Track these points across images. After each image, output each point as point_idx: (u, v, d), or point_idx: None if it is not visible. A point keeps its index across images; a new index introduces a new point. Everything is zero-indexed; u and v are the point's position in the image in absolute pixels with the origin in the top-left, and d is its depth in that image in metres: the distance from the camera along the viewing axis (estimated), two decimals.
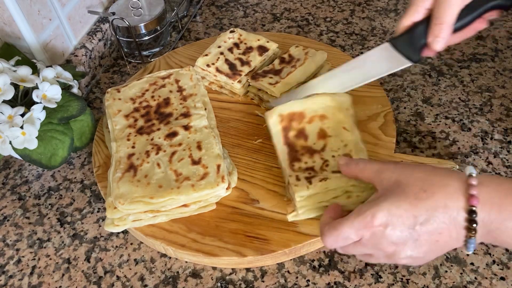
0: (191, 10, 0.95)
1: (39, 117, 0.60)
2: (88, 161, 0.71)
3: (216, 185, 0.56)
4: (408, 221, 0.43)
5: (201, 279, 0.56)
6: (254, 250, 0.55)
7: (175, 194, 0.55)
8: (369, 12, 0.90)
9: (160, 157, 0.60)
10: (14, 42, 0.72)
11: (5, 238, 0.63)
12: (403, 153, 0.65)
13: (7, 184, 0.69)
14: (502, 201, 0.42)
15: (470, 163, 0.64)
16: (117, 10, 0.83)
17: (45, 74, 0.63)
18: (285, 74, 0.69)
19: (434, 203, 0.42)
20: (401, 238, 0.43)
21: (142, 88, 0.69)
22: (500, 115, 0.70)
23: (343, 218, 0.46)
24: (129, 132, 0.63)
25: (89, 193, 0.67)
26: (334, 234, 0.45)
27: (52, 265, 0.59)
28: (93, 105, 0.80)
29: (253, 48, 0.75)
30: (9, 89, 0.60)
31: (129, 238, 0.61)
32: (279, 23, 0.91)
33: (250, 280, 0.56)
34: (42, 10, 0.72)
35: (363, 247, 0.46)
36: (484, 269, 0.54)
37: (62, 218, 0.64)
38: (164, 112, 0.66)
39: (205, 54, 0.75)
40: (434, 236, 0.43)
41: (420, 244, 0.43)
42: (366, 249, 0.46)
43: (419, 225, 0.42)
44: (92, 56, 0.81)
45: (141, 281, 0.57)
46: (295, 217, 0.56)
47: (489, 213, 0.41)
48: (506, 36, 0.83)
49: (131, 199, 0.55)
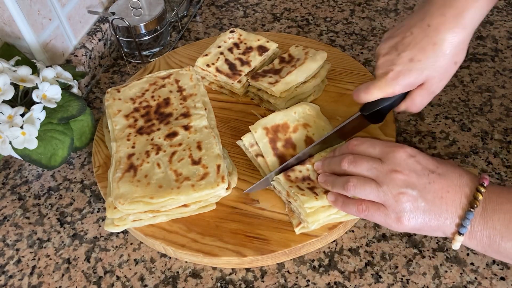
0: (191, 10, 0.95)
1: (39, 117, 0.60)
2: (88, 161, 0.71)
3: (216, 185, 0.56)
4: (430, 165, 0.48)
5: (201, 279, 0.56)
6: (254, 250, 0.55)
7: (175, 194, 0.55)
8: (369, 12, 0.90)
9: (160, 157, 0.60)
10: (14, 42, 0.72)
11: (5, 238, 0.63)
12: None
13: (7, 184, 0.69)
14: (503, 191, 0.46)
15: (470, 163, 0.64)
16: (117, 10, 0.83)
17: (45, 74, 0.63)
18: (285, 73, 0.69)
19: (452, 171, 0.48)
20: (417, 170, 0.47)
21: (142, 88, 0.69)
22: (500, 115, 0.70)
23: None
24: (129, 132, 0.63)
25: (89, 193, 0.67)
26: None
27: (52, 265, 0.59)
28: (93, 105, 0.79)
29: (253, 48, 0.75)
30: (9, 89, 0.60)
31: (129, 238, 0.61)
32: (279, 23, 0.91)
33: (250, 280, 0.56)
34: (42, 10, 0.72)
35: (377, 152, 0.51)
36: (484, 269, 0.54)
37: (62, 218, 0.64)
38: (164, 112, 0.66)
39: (205, 54, 0.75)
40: (443, 190, 0.46)
41: (428, 190, 0.46)
42: (374, 162, 0.50)
43: (437, 175, 0.47)
44: (92, 56, 0.81)
45: (141, 281, 0.57)
46: (304, 229, 0.56)
47: (489, 196, 0.46)
48: (506, 36, 0.83)
49: (131, 199, 0.55)
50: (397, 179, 0.47)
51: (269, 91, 0.68)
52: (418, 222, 0.46)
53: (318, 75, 0.70)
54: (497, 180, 0.62)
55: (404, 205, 0.46)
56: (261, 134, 0.61)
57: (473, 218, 0.45)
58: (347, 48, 0.84)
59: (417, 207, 0.46)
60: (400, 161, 0.48)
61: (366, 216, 0.49)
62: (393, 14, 0.89)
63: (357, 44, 0.84)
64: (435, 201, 0.46)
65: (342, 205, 0.52)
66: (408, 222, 0.47)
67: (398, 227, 0.47)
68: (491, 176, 0.63)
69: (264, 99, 0.70)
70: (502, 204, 0.45)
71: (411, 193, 0.46)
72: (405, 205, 0.46)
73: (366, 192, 0.49)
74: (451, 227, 0.46)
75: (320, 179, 0.55)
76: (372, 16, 0.89)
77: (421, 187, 0.47)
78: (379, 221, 0.48)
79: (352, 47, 0.84)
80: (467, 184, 0.47)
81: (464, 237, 0.46)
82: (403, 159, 0.48)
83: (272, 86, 0.67)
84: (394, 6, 0.91)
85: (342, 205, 0.52)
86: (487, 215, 0.45)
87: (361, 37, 0.85)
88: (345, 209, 0.52)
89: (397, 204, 0.47)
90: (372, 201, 0.49)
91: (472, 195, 0.46)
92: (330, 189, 0.54)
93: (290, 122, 0.62)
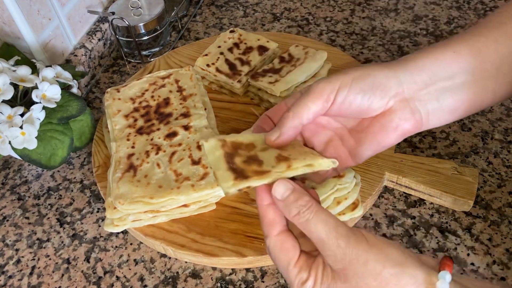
0: (191, 10, 0.95)
1: (38, 117, 0.60)
2: (88, 161, 0.71)
3: (216, 185, 0.56)
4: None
5: (201, 280, 0.56)
6: (254, 250, 0.55)
7: (175, 194, 0.55)
8: (369, 12, 0.90)
9: (160, 157, 0.60)
10: (13, 42, 0.72)
11: (5, 238, 0.62)
12: (403, 153, 0.65)
13: (6, 184, 0.69)
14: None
15: (470, 163, 0.64)
16: (117, 10, 0.83)
17: (44, 74, 0.63)
18: (285, 73, 0.69)
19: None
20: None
21: (142, 88, 0.69)
22: (501, 114, 0.70)
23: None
24: (129, 132, 0.63)
25: (88, 193, 0.67)
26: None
27: (52, 265, 0.59)
28: (93, 105, 0.79)
29: (253, 48, 0.75)
30: (9, 89, 0.60)
31: (129, 238, 0.61)
32: (279, 22, 0.90)
33: (250, 280, 0.56)
34: (42, 10, 0.72)
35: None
36: (484, 269, 0.54)
37: (61, 218, 0.64)
38: (164, 112, 0.66)
39: (205, 54, 0.75)
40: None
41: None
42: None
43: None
44: (91, 56, 0.81)
45: (140, 281, 0.57)
46: None
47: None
48: None
49: (131, 199, 0.55)
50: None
51: (269, 90, 0.68)
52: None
53: (318, 74, 0.70)
54: (498, 180, 0.62)
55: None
56: (214, 145, 0.43)
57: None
58: (347, 48, 0.83)
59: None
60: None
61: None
62: (393, 14, 0.89)
63: (357, 44, 0.84)
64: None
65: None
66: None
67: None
68: (491, 176, 0.62)
69: (264, 99, 0.70)
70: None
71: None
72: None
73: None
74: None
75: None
76: (372, 16, 0.89)
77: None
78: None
79: (352, 47, 0.84)
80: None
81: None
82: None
83: (272, 86, 0.67)
84: (395, 5, 0.91)
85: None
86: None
87: (361, 37, 0.85)
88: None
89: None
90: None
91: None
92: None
93: (258, 143, 0.45)
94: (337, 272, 0.36)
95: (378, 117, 0.44)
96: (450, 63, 0.44)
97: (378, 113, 0.44)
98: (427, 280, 0.35)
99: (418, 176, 0.59)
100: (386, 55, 0.81)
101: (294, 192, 0.39)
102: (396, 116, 0.43)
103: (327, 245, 0.36)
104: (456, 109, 0.44)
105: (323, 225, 0.37)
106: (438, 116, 0.44)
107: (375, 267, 0.35)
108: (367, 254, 0.35)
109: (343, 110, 0.43)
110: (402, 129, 0.44)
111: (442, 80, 0.43)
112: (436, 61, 0.44)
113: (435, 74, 0.43)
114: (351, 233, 0.36)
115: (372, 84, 0.42)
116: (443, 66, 0.44)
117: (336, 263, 0.36)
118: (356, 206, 0.57)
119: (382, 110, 0.43)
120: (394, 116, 0.43)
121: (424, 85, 0.43)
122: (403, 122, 0.43)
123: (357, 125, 0.46)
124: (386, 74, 0.43)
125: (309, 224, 0.37)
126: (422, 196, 0.60)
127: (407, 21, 0.87)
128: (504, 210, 0.59)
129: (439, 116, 0.44)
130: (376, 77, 0.43)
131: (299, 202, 0.38)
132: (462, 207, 0.58)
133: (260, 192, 0.41)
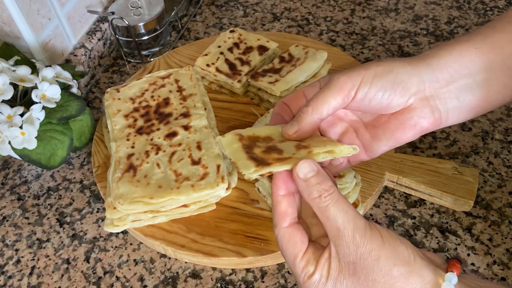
0: (190, 10, 0.95)
1: (38, 117, 0.60)
2: (88, 161, 0.71)
3: (216, 185, 0.56)
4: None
5: (201, 280, 0.56)
6: (254, 250, 0.55)
7: (175, 194, 0.55)
8: (370, 12, 0.90)
9: (159, 157, 0.60)
10: (13, 41, 0.72)
11: (4, 238, 0.62)
12: (404, 153, 0.65)
13: (6, 184, 0.69)
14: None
15: (470, 163, 0.64)
16: (117, 10, 0.83)
17: (44, 73, 0.63)
18: (285, 72, 0.69)
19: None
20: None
21: (142, 88, 0.69)
22: (501, 114, 0.70)
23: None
24: (129, 132, 0.63)
25: (88, 193, 0.66)
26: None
27: (52, 266, 0.59)
28: (93, 105, 0.79)
29: (253, 48, 0.75)
30: (8, 89, 0.60)
31: (129, 239, 0.61)
32: (279, 22, 0.90)
33: (250, 280, 0.56)
34: (42, 10, 0.72)
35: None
36: (484, 269, 0.54)
37: (61, 218, 0.64)
38: (164, 112, 0.65)
39: (205, 54, 0.75)
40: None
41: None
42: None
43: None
44: (91, 55, 0.81)
45: (140, 281, 0.56)
46: None
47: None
48: None
49: (130, 199, 0.55)
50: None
51: (269, 90, 0.68)
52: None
53: (319, 74, 0.70)
54: (498, 180, 0.62)
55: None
56: (231, 139, 0.44)
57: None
58: (348, 47, 0.83)
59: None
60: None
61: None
62: (394, 14, 0.89)
63: (358, 44, 0.84)
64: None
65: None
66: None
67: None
68: (491, 176, 0.62)
69: (264, 98, 0.70)
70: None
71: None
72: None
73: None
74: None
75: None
76: (372, 15, 0.89)
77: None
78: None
79: (352, 46, 0.83)
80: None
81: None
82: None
83: (272, 86, 0.67)
84: (395, 5, 0.91)
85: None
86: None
87: (362, 36, 0.85)
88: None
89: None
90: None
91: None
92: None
93: (275, 136, 0.45)
94: (346, 264, 0.36)
95: (397, 114, 0.44)
96: (473, 60, 0.43)
97: (397, 110, 0.43)
98: (434, 280, 0.35)
99: (419, 176, 0.59)
100: (386, 55, 0.81)
101: (318, 174, 0.38)
102: (415, 114, 0.43)
103: (342, 235, 0.36)
104: (476, 107, 0.44)
105: (343, 214, 0.36)
106: (457, 114, 0.44)
107: (385, 265, 0.35)
108: (379, 251, 0.35)
109: (362, 106, 0.43)
110: (420, 127, 0.43)
111: (464, 77, 0.43)
112: (458, 58, 0.43)
113: (457, 72, 0.43)
114: (368, 227, 0.36)
115: (394, 81, 0.42)
116: (465, 64, 0.43)
117: (347, 256, 0.36)
118: (356, 206, 0.57)
119: (401, 107, 0.43)
120: (414, 114, 0.43)
121: (446, 82, 0.43)
122: (422, 120, 0.43)
123: (374, 120, 0.46)
124: (408, 71, 0.43)
125: (328, 210, 0.37)
126: (423, 196, 0.60)
127: (407, 21, 0.87)
128: (505, 210, 0.59)
129: (458, 114, 0.44)
130: (398, 74, 0.42)
131: (322, 186, 0.37)
132: (463, 207, 0.58)
133: (277, 182, 0.40)
